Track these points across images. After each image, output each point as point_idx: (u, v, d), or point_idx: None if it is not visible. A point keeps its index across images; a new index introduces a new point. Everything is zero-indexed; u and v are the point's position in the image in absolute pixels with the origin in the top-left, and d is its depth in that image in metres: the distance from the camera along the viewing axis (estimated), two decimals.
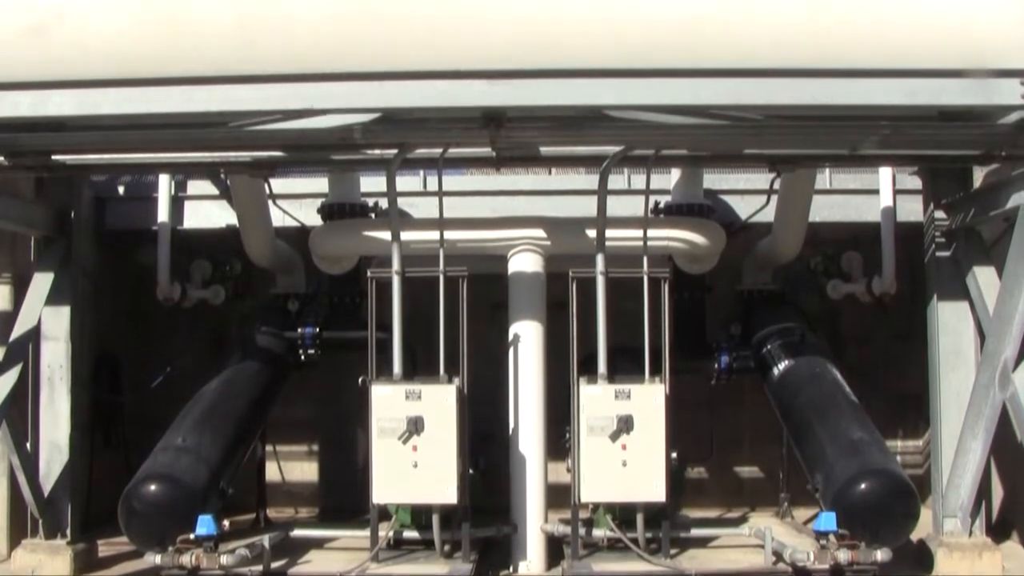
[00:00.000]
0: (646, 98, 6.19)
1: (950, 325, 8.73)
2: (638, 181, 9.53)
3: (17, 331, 8.54)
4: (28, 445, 8.65)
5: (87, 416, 9.41)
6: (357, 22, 6.07)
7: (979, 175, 8.72)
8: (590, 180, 8.99)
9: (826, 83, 6.16)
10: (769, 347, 9.52)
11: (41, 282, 8.73)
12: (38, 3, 6.20)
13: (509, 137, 6.85)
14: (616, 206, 8.49)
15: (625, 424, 7.80)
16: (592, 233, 8.21)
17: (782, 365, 9.32)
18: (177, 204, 10.60)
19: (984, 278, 8.38)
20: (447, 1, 6.07)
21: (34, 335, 8.68)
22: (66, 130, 6.82)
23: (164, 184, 10.47)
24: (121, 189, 10.75)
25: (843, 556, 7.26)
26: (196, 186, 10.66)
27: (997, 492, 9.26)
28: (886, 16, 6.10)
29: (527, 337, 8.58)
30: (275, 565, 7.74)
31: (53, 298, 8.72)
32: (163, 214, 10.46)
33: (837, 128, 6.98)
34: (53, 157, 7.75)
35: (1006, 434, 8.05)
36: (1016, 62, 6.11)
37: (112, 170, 9.92)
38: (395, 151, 7.60)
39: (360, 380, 8.06)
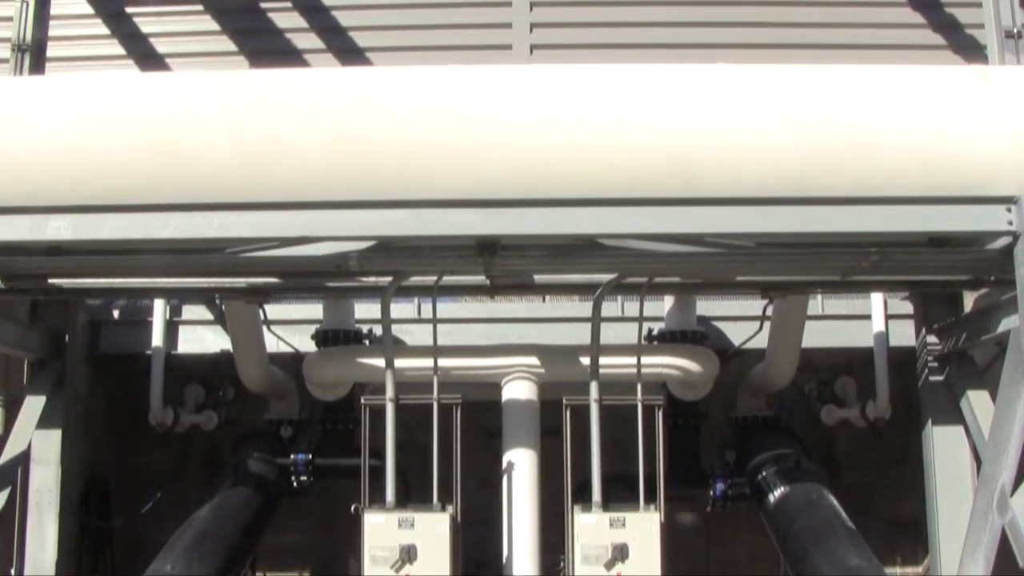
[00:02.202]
0: (639, 227, 6.27)
1: (946, 450, 8.69)
2: (631, 308, 9.58)
3: (7, 454, 8.47)
4: (13, 571, 8.52)
5: (75, 541, 9.30)
6: (353, 152, 6.19)
7: (969, 300, 8.79)
8: (583, 307, 9.05)
9: (817, 211, 6.25)
10: (764, 474, 9.47)
11: (33, 405, 8.70)
12: (39, 128, 6.29)
13: (503, 265, 6.91)
14: (610, 333, 8.53)
15: (620, 552, 7.69)
16: (586, 360, 8.22)
17: (778, 492, 9.25)
18: (171, 329, 10.64)
19: (978, 402, 8.37)
20: (441, 132, 6.18)
21: (24, 458, 8.62)
22: (63, 254, 6.88)
23: (159, 309, 10.53)
24: (116, 313, 10.79)
25: None
26: (191, 311, 10.70)
27: None
28: (875, 145, 6.22)
29: (521, 465, 8.50)
30: None
31: (44, 422, 8.69)
32: (157, 339, 10.49)
33: (828, 255, 7.05)
34: (49, 280, 7.80)
35: (1006, 560, 7.94)
36: (1002, 189, 6.23)
37: (108, 294, 9.98)
38: (390, 279, 7.66)
39: (353, 507, 7.99)
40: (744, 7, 11.02)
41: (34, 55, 8.90)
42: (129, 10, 11.22)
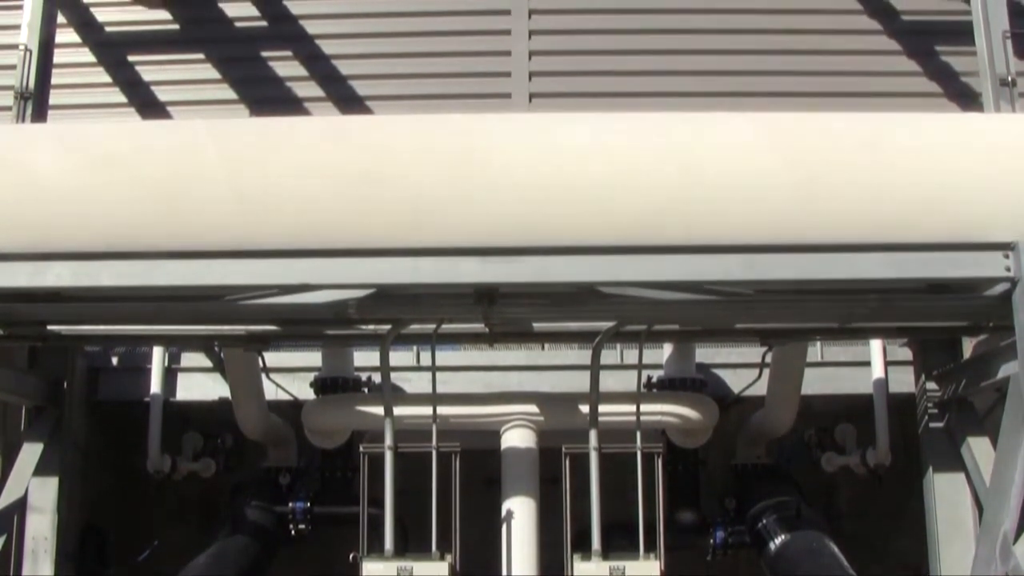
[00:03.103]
0: (638, 274, 6.27)
1: (947, 497, 8.66)
2: (631, 356, 9.59)
3: (3, 502, 8.45)
4: None
5: None
6: (353, 200, 6.21)
7: (969, 346, 8.78)
8: (582, 355, 9.06)
9: (816, 258, 6.26)
10: (764, 521, 9.42)
11: (30, 452, 8.68)
12: (40, 176, 6.32)
13: (502, 313, 6.92)
14: (609, 381, 8.53)
15: None
16: (585, 408, 8.21)
17: (778, 540, 9.19)
18: (170, 376, 10.62)
19: (979, 449, 8.34)
20: (441, 180, 6.22)
21: (20, 506, 8.58)
22: (63, 301, 6.88)
23: (158, 356, 10.51)
24: (115, 360, 10.78)
25: None
26: (189, 358, 10.69)
27: None
28: (873, 192, 6.25)
29: (520, 513, 8.47)
30: None
31: (41, 469, 8.66)
32: (156, 386, 10.46)
33: (827, 302, 7.06)
34: (48, 327, 7.80)
35: None
36: (999, 235, 6.25)
37: (107, 341, 9.97)
38: (389, 327, 7.66)
39: (351, 556, 7.94)
40: (741, 56, 11.11)
41: (36, 103, 8.95)
42: (131, 58, 11.30)
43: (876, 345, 10.07)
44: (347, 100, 10.91)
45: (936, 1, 11.30)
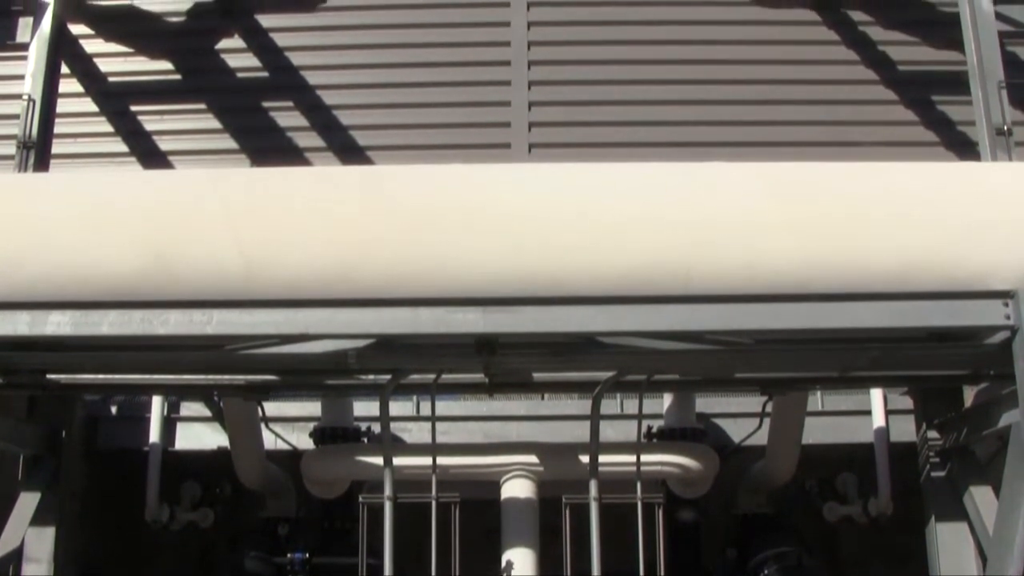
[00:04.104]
0: (638, 325, 6.27)
1: (950, 547, 8.58)
2: (631, 406, 9.56)
3: None
4: None
5: None
6: (353, 250, 6.23)
7: (969, 394, 8.76)
8: (583, 405, 9.04)
9: (815, 307, 6.27)
10: (766, 572, 9.37)
11: (27, 502, 8.62)
12: (41, 224, 6.34)
13: (502, 363, 6.92)
14: (609, 431, 8.52)
15: None
16: (585, 458, 8.18)
17: None
18: (169, 425, 10.58)
19: (982, 498, 8.29)
20: (441, 230, 6.24)
21: (16, 556, 8.51)
22: (63, 349, 6.87)
23: (156, 405, 10.48)
24: (114, 409, 10.75)
25: None
26: (189, 408, 10.66)
27: None
28: (872, 240, 6.28)
29: (520, 563, 8.42)
30: None
31: (38, 518, 8.59)
32: (154, 435, 10.43)
33: (827, 351, 7.06)
34: (48, 376, 7.79)
35: None
36: (999, 283, 6.27)
37: (106, 390, 9.94)
38: (388, 377, 7.66)
39: None
40: (738, 106, 11.18)
41: (39, 152, 8.99)
42: (133, 108, 11.37)
43: (877, 394, 10.05)
44: (347, 150, 10.96)
45: (932, 51, 11.39)
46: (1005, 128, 8.72)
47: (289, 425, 10.15)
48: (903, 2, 11.78)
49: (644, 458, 8.39)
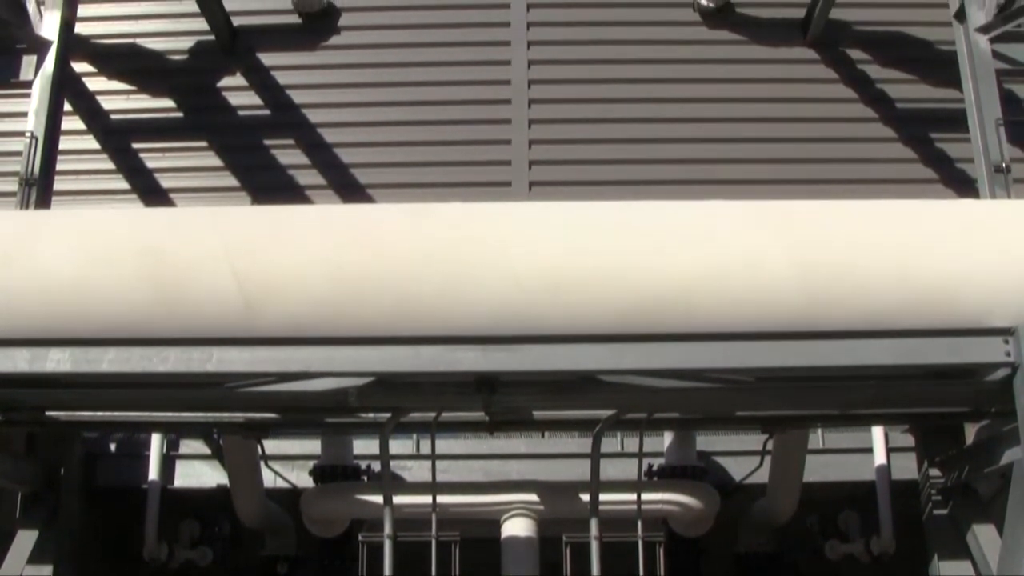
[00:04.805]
0: (639, 363, 6.27)
1: None
2: (631, 444, 9.53)
3: None
4: None
5: None
6: (353, 288, 6.23)
7: (970, 431, 8.74)
8: (583, 443, 9.00)
9: (815, 345, 6.27)
10: None
11: (24, 540, 8.56)
12: (42, 262, 6.35)
13: (502, 402, 6.90)
14: (609, 469, 8.48)
15: None
16: (586, 497, 8.14)
17: None
18: (168, 463, 10.53)
19: (984, 536, 8.24)
20: (441, 268, 6.24)
21: None
22: (62, 387, 6.86)
23: (156, 443, 10.43)
24: (113, 446, 10.71)
25: None
26: (188, 445, 10.61)
27: None
28: (872, 278, 6.28)
29: None
30: None
31: (36, 556, 8.52)
32: (153, 473, 10.38)
33: (827, 388, 7.04)
34: (47, 413, 7.77)
35: None
36: (999, 320, 6.27)
37: (105, 427, 9.91)
38: (388, 415, 7.64)
39: None
40: (739, 144, 11.25)
41: (41, 189, 9.02)
42: (135, 145, 11.42)
43: (878, 431, 10.01)
44: (348, 188, 11.02)
45: (931, 89, 11.47)
46: (1003, 165, 8.78)
47: (289, 463, 10.10)
48: (901, 40, 11.89)
49: (645, 496, 8.36)
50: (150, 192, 11.27)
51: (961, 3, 9.45)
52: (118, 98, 11.76)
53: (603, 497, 8.11)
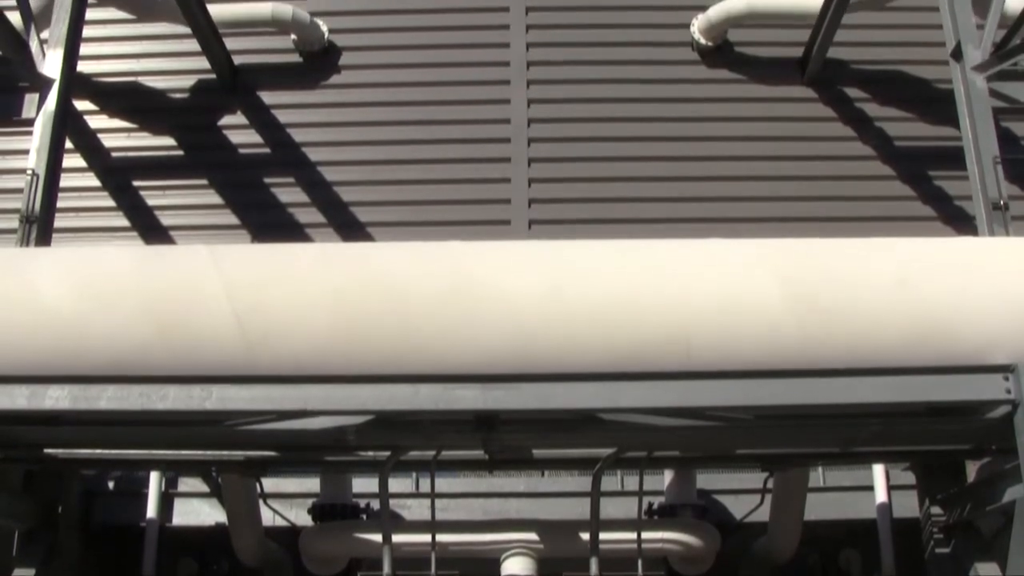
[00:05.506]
0: (638, 401, 6.25)
1: None
2: (631, 482, 9.51)
3: None
4: None
5: None
6: (353, 326, 6.23)
7: (972, 469, 8.71)
8: (583, 482, 8.98)
9: (815, 382, 6.26)
10: None
11: None
12: (41, 299, 6.34)
13: (501, 440, 6.90)
14: (609, 507, 8.45)
15: None
16: (586, 536, 8.11)
17: None
18: (167, 501, 10.49)
19: (987, 574, 8.22)
20: (440, 307, 6.24)
21: None
22: (60, 424, 6.85)
23: (154, 481, 10.40)
24: (111, 484, 10.67)
25: None
26: (186, 483, 10.58)
27: None
28: (871, 315, 6.28)
29: None
30: None
31: None
32: (152, 511, 10.33)
33: (827, 426, 7.03)
34: (45, 450, 7.75)
35: None
36: (999, 357, 6.27)
37: (104, 465, 9.88)
38: (388, 453, 7.62)
39: None
40: (737, 182, 11.28)
41: (41, 227, 9.03)
42: (135, 183, 11.46)
43: (879, 469, 9.98)
44: (348, 226, 11.04)
45: (928, 127, 11.53)
46: (1002, 202, 8.80)
47: (287, 501, 10.06)
48: (898, 79, 11.97)
49: (645, 535, 8.32)
50: (150, 230, 11.29)
51: (957, 42, 9.50)
52: (119, 136, 11.82)
53: (603, 536, 8.07)
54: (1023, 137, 11.63)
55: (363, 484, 9.75)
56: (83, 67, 10.90)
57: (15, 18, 9.88)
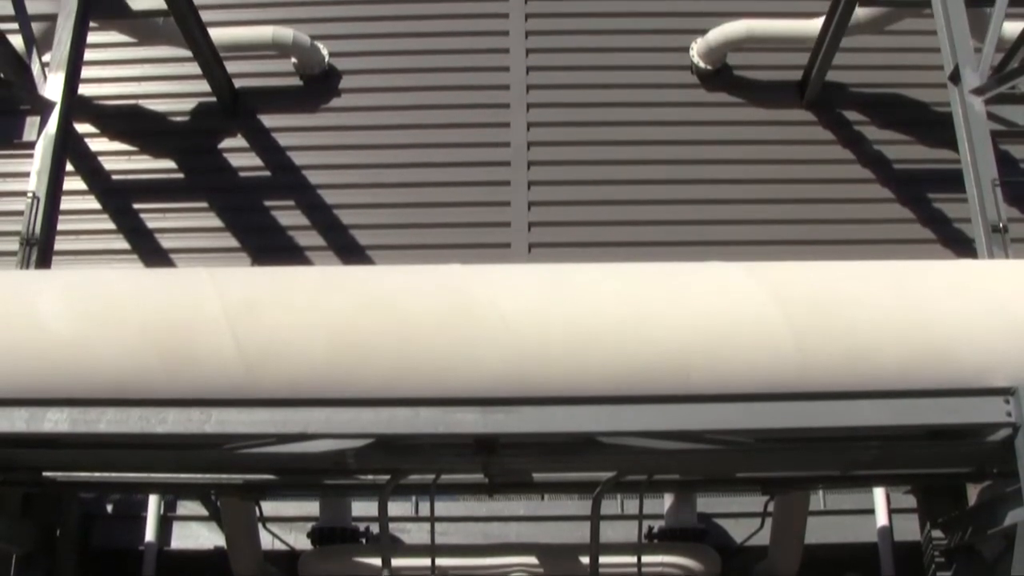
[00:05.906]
0: (638, 424, 6.24)
1: None
2: (631, 506, 9.48)
3: None
4: None
5: None
6: (352, 350, 6.23)
7: (973, 492, 8.69)
8: (583, 505, 8.96)
9: (815, 405, 6.24)
10: None
11: None
12: (41, 322, 6.33)
13: (501, 463, 6.88)
14: (610, 531, 8.43)
15: None
16: (586, 559, 8.11)
17: None
18: (165, 524, 10.47)
19: None
20: (440, 330, 6.25)
21: None
22: (59, 447, 6.83)
23: (153, 504, 10.38)
24: (109, 507, 10.65)
25: None
26: (185, 506, 10.56)
27: None
28: (871, 339, 6.28)
29: None
30: None
31: None
32: (150, 534, 10.31)
33: (828, 449, 7.02)
34: (44, 473, 7.73)
35: None
36: (999, 380, 6.27)
37: (103, 488, 9.87)
38: (387, 477, 7.61)
39: None
40: (736, 205, 11.30)
41: (41, 249, 9.04)
42: (136, 206, 11.47)
43: (879, 492, 9.97)
44: (349, 249, 11.05)
45: (927, 150, 11.55)
46: (1001, 225, 8.80)
47: (287, 525, 10.03)
48: (897, 102, 12.00)
49: (645, 559, 8.33)
50: (151, 253, 11.30)
51: (956, 65, 9.53)
52: (120, 158, 11.84)
53: (603, 560, 8.07)
54: (1022, 160, 11.65)
55: (363, 507, 9.72)
56: (84, 90, 10.94)
57: (17, 41, 9.91)
